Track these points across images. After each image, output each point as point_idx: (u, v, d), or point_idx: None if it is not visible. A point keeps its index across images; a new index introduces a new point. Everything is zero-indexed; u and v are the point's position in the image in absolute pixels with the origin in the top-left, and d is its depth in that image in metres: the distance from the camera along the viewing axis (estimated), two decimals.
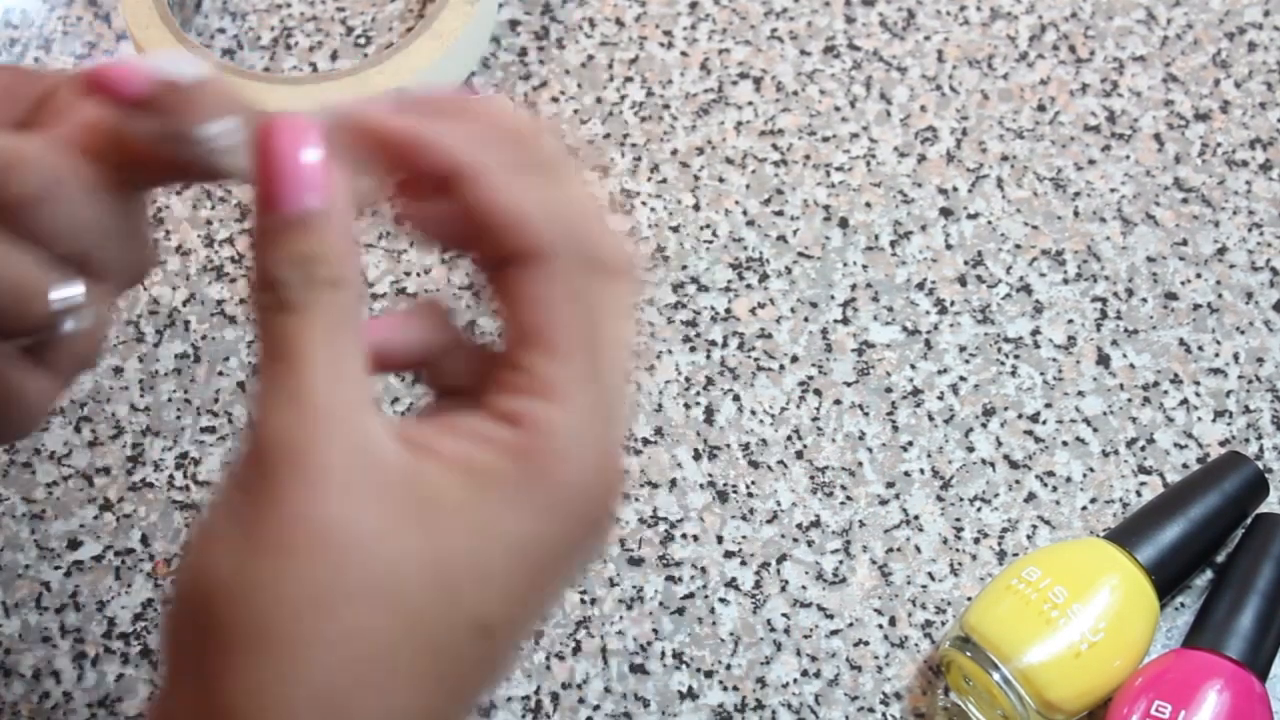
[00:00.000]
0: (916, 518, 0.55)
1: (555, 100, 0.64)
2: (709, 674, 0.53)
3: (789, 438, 0.57)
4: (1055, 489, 0.56)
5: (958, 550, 0.55)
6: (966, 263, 0.60)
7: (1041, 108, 0.64)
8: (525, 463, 0.32)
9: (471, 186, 0.33)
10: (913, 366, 0.58)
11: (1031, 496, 0.56)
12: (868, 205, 0.61)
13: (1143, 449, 0.57)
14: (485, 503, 0.32)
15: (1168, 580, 0.52)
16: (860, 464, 0.56)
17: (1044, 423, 0.57)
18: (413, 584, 0.31)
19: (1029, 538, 0.55)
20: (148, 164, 0.36)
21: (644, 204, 0.61)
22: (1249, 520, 0.54)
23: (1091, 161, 0.62)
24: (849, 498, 0.56)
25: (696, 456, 0.56)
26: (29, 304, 0.37)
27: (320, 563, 0.31)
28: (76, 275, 0.38)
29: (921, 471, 0.56)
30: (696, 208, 0.61)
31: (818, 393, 0.58)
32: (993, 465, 0.56)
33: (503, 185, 0.33)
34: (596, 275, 0.33)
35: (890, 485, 0.56)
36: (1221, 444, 0.57)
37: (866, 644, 0.53)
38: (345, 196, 0.33)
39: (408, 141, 0.34)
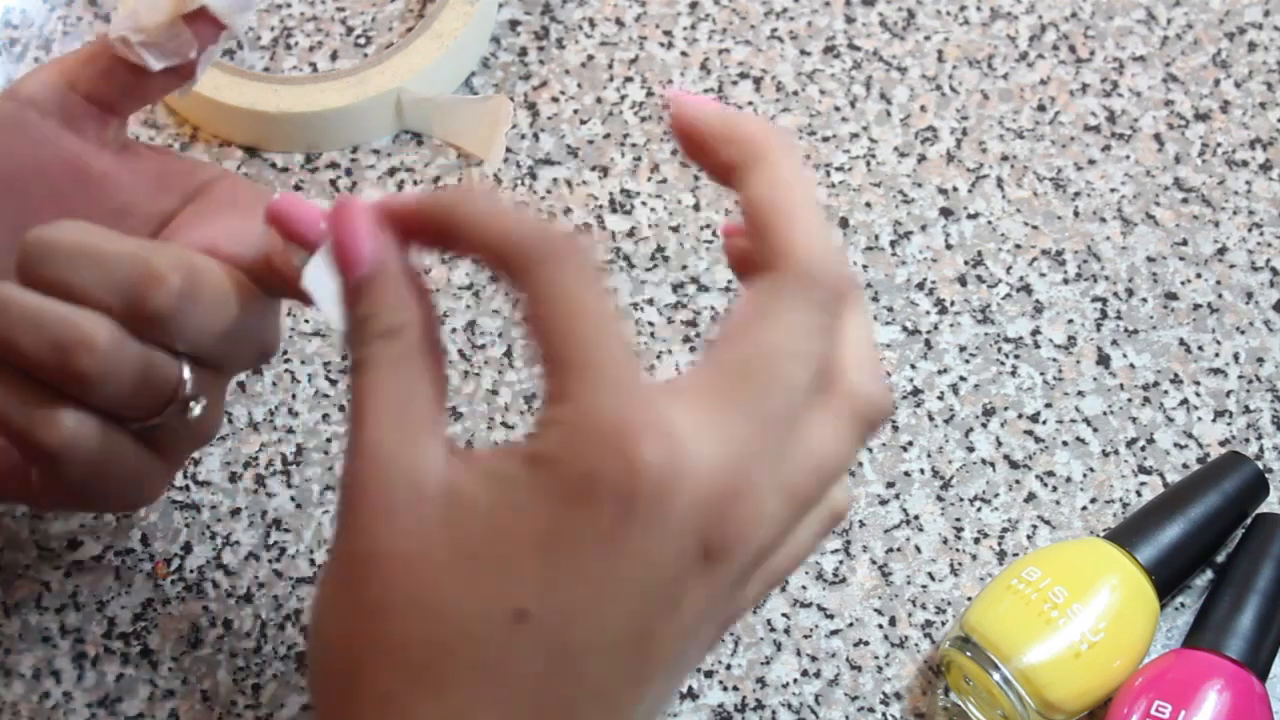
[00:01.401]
0: (916, 518, 0.55)
1: (555, 100, 0.64)
2: (709, 674, 0.53)
3: None
4: (1055, 489, 0.56)
5: (958, 550, 0.55)
6: (966, 263, 0.60)
7: (1041, 108, 0.64)
8: (533, 464, 0.34)
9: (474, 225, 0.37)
10: (913, 366, 0.58)
11: (1031, 496, 0.56)
12: (868, 205, 0.61)
13: (1143, 449, 0.57)
14: (504, 502, 0.35)
15: (1168, 580, 0.52)
16: (860, 464, 0.56)
17: (1044, 423, 0.57)
18: (446, 588, 0.34)
19: (1029, 538, 0.55)
20: (293, 281, 0.39)
21: (644, 204, 0.61)
22: (1249, 520, 0.54)
23: (1091, 161, 0.62)
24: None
25: None
26: (158, 396, 0.41)
27: (368, 587, 0.35)
28: (204, 367, 0.42)
29: (921, 471, 0.56)
30: (696, 208, 0.61)
31: None
32: (993, 465, 0.56)
33: (492, 213, 0.37)
34: (570, 272, 0.36)
35: (890, 485, 0.56)
36: (1221, 444, 0.57)
37: (866, 644, 0.53)
38: (394, 256, 0.38)
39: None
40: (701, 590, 0.35)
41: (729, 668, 0.53)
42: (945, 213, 0.61)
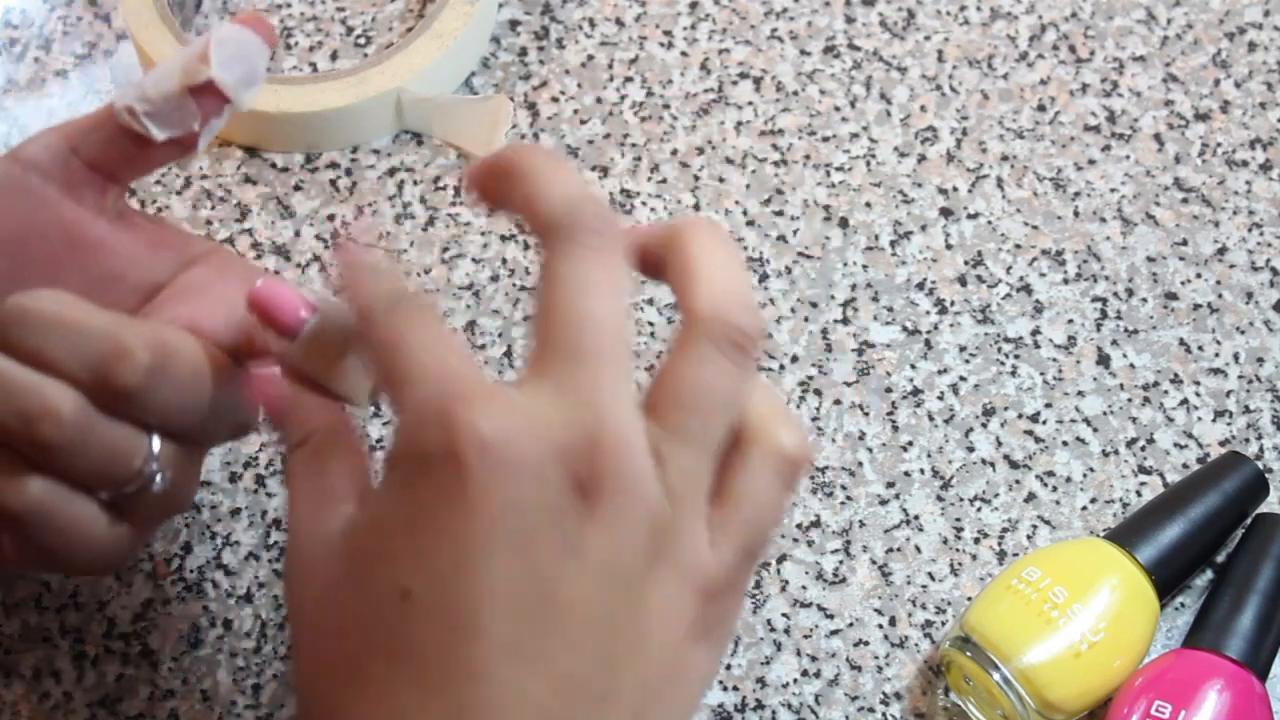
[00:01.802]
0: (916, 518, 0.55)
1: (555, 100, 0.64)
2: None
3: None
4: (1055, 489, 0.56)
5: (958, 550, 0.55)
6: (966, 263, 0.60)
7: (1041, 108, 0.64)
8: (385, 468, 0.39)
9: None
10: (913, 366, 0.58)
11: (1031, 496, 0.56)
12: (868, 205, 0.61)
13: (1143, 449, 0.57)
14: (374, 508, 0.39)
15: (1168, 580, 0.52)
16: (860, 464, 0.56)
17: (1044, 423, 0.57)
18: (346, 598, 0.38)
19: (1029, 538, 0.55)
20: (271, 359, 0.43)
21: (644, 204, 0.61)
22: (1249, 520, 0.54)
23: (1091, 161, 0.62)
24: (849, 498, 0.56)
25: None
26: (123, 469, 0.42)
27: (299, 626, 0.40)
28: (176, 440, 0.44)
29: (921, 471, 0.56)
30: (696, 208, 0.61)
31: (818, 393, 0.58)
32: (993, 465, 0.56)
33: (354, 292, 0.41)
34: (395, 323, 0.40)
35: (890, 485, 0.56)
36: (1221, 444, 0.57)
37: (866, 644, 0.53)
38: (293, 397, 0.42)
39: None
40: (600, 531, 0.37)
41: (729, 668, 0.53)
42: (945, 213, 0.61)
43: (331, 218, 0.61)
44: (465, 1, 0.63)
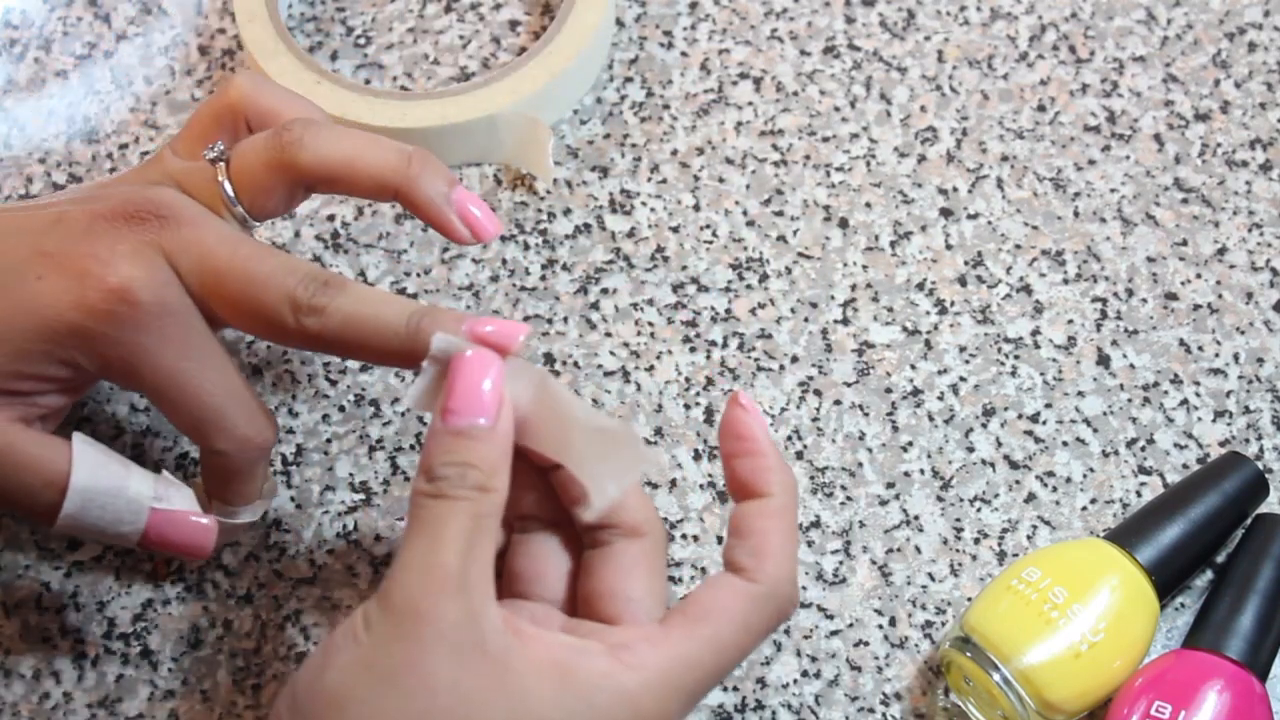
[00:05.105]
0: (916, 518, 0.55)
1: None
2: None
3: (789, 438, 0.57)
4: (1055, 489, 0.56)
5: (958, 550, 0.55)
6: (966, 263, 0.60)
7: (1041, 108, 0.64)
8: (607, 683, 0.38)
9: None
10: (913, 366, 0.58)
11: (1031, 496, 0.56)
12: (868, 205, 0.61)
13: (1143, 449, 0.57)
14: (565, 705, 0.37)
15: (1168, 580, 0.52)
16: (860, 464, 0.56)
17: (1044, 423, 0.57)
18: None
19: (1029, 538, 0.55)
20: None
21: (644, 204, 0.61)
22: (1249, 520, 0.54)
23: (1091, 161, 0.62)
24: (849, 498, 0.56)
25: (696, 457, 0.56)
26: None
27: (417, 701, 0.37)
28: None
29: (921, 471, 0.56)
30: (696, 208, 0.61)
31: (818, 393, 0.58)
32: (993, 465, 0.56)
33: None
34: (664, 550, 0.42)
35: (890, 485, 0.56)
36: (1221, 444, 0.57)
37: (866, 644, 0.53)
38: (510, 426, 0.40)
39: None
40: None
41: None
42: (945, 213, 0.61)
43: (331, 218, 0.61)
44: (581, 30, 0.62)
